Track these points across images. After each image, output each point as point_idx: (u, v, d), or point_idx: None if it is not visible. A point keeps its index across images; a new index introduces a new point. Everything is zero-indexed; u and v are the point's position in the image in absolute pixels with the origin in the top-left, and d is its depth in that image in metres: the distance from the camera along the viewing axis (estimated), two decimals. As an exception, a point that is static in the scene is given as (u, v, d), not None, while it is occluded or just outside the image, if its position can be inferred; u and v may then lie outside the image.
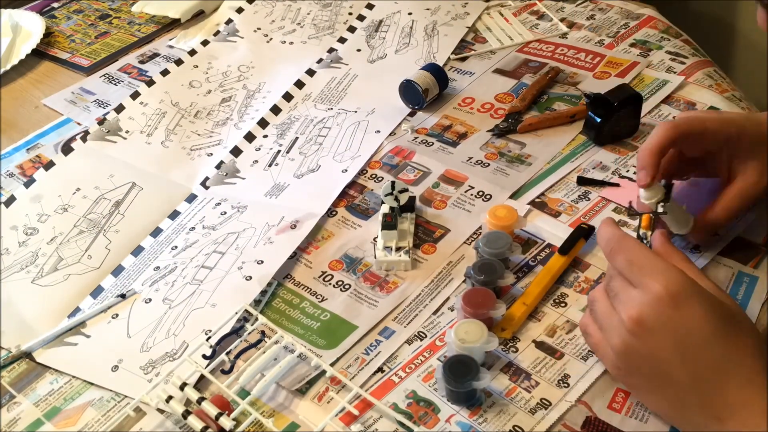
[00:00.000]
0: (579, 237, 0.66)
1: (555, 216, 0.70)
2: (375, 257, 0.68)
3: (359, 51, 0.99)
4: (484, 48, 0.96)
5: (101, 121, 0.91)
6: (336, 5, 1.10)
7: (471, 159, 0.78)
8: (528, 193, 0.73)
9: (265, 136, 0.87)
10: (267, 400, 0.58)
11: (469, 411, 0.55)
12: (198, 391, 0.58)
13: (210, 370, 0.60)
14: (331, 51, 1.00)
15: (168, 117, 0.92)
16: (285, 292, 0.67)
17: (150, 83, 0.98)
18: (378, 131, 0.84)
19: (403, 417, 0.55)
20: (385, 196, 0.69)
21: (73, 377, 0.62)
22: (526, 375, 0.57)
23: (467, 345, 0.56)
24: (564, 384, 0.56)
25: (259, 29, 1.07)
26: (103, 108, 0.96)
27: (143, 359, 0.63)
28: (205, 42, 1.05)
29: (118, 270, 0.72)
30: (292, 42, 1.04)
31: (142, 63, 1.04)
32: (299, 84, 0.94)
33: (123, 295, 0.69)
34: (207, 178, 0.82)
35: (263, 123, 0.88)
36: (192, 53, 1.03)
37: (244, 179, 0.81)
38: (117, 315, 0.67)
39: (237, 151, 0.85)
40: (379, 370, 0.59)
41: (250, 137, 0.86)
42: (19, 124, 0.96)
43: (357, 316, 0.64)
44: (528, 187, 0.74)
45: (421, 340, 0.61)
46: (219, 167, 0.83)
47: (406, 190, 0.69)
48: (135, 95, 0.96)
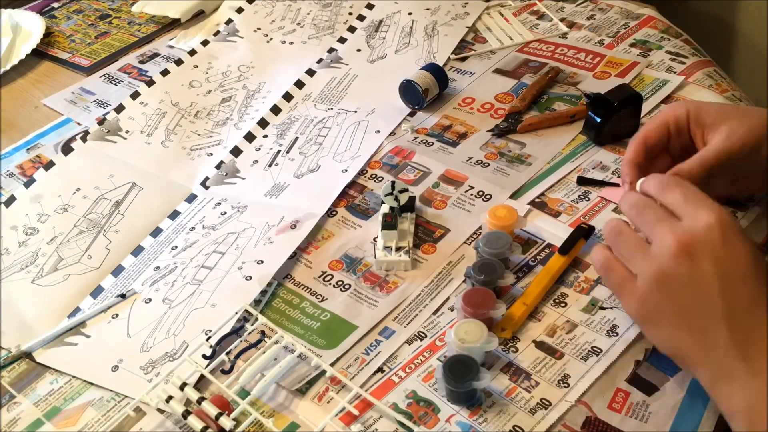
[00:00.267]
0: (579, 237, 0.65)
1: (555, 216, 0.70)
2: (375, 257, 0.68)
3: (359, 51, 0.99)
4: (484, 48, 0.96)
5: (101, 121, 0.91)
6: (336, 5, 1.10)
7: (471, 159, 0.78)
8: (528, 193, 0.73)
9: (265, 136, 0.87)
10: (267, 400, 0.58)
11: (469, 411, 0.55)
12: (198, 391, 0.58)
13: (210, 370, 0.60)
14: (331, 51, 1.00)
15: (168, 117, 0.92)
16: (285, 292, 0.67)
17: (150, 83, 0.97)
18: (378, 131, 0.84)
19: (403, 417, 0.55)
20: (385, 196, 0.69)
21: (73, 377, 0.62)
22: (526, 375, 0.57)
23: (467, 345, 0.56)
24: (564, 384, 0.56)
25: (259, 29, 1.07)
26: (103, 108, 0.96)
27: (143, 359, 0.63)
28: (205, 42, 1.05)
29: (118, 270, 0.72)
30: (292, 42, 1.04)
31: (142, 63, 1.04)
32: (299, 84, 0.94)
33: (123, 295, 0.69)
34: (207, 178, 0.82)
35: (263, 123, 0.88)
36: (192, 53, 1.03)
37: (244, 179, 0.81)
38: (117, 315, 0.67)
39: (237, 151, 0.85)
40: (379, 370, 0.59)
41: (250, 137, 0.86)
42: (19, 124, 0.96)
43: (357, 316, 0.64)
44: (528, 187, 0.74)
45: (421, 340, 0.61)
46: (219, 167, 0.83)
47: (406, 190, 0.69)
48: (135, 95, 0.96)
